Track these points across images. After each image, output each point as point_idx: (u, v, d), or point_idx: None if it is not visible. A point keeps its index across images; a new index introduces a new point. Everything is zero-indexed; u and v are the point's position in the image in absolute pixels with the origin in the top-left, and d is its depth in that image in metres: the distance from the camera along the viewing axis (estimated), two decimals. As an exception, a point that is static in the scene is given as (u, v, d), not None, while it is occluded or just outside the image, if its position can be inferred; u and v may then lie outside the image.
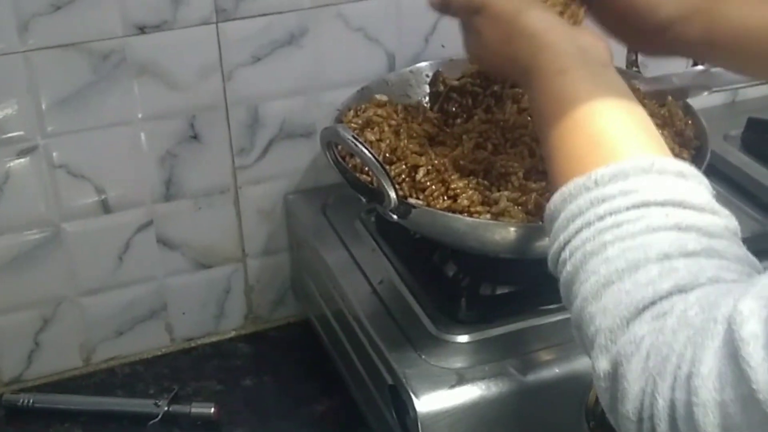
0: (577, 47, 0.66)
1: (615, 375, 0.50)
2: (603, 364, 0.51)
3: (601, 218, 0.54)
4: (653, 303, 0.49)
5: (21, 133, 0.93)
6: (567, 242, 0.55)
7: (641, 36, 0.77)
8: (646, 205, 0.53)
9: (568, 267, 0.55)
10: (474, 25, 0.73)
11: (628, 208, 0.53)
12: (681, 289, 0.49)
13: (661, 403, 0.47)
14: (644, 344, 0.48)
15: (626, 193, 0.54)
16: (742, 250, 0.53)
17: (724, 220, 0.54)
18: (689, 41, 0.75)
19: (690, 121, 0.90)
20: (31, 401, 0.99)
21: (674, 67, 0.99)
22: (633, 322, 0.50)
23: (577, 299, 0.54)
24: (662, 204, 0.53)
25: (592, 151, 0.59)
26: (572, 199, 0.56)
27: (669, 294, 0.49)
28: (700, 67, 0.94)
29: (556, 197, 0.58)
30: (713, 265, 0.50)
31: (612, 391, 0.51)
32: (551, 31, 0.67)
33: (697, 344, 0.46)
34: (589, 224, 0.54)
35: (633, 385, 0.48)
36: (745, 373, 0.43)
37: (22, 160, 0.94)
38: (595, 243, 0.53)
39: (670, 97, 0.91)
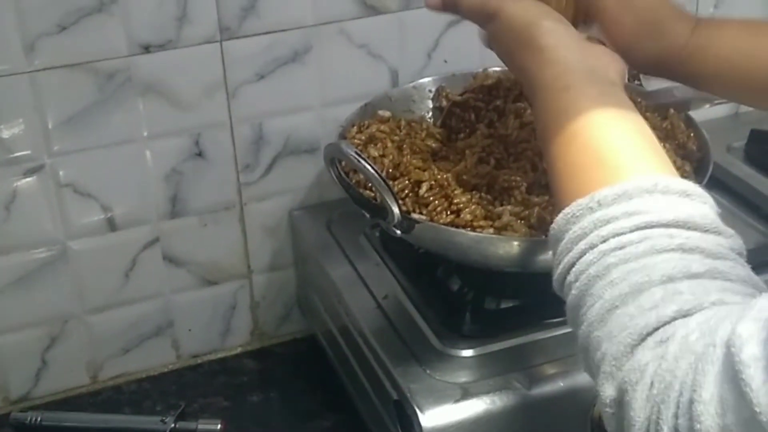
0: (585, 65, 0.65)
1: (621, 402, 0.50)
2: (609, 391, 0.50)
3: (604, 240, 0.53)
4: (656, 329, 0.49)
5: (28, 152, 0.93)
6: (572, 265, 0.55)
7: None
8: (649, 226, 0.53)
9: (574, 291, 0.55)
10: (489, 32, 0.73)
11: (631, 230, 0.53)
12: (684, 314, 0.49)
13: (666, 431, 0.46)
14: (648, 372, 0.48)
15: (630, 215, 0.53)
16: (746, 271, 0.53)
17: (728, 240, 0.54)
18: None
19: (692, 134, 0.91)
20: (38, 419, 0.99)
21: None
22: (637, 349, 0.49)
23: (584, 324, 0.53)
24: (666, 225, 0.53)
25: (595, 168, 0.58)
26: (576, 221, 0.56)
27: (672, 319, 0.49)
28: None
29: (560, 218, 0.57)
30: (717, 287, 0.50)
31: (618, 418, 0.50)
32: (560, 47, 0.66)
33: (698, 370, 0.45)
34: (592, 246, 0.54)
35: (639, 413, 0.48)
36: (747, 396, 0.42)
37: (28, 179, 0.94)
38: (599, 266, 0.53)
39: (672, 110, 0.91)
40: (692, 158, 0.88)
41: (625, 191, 0.54)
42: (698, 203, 0.55)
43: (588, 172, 0.59)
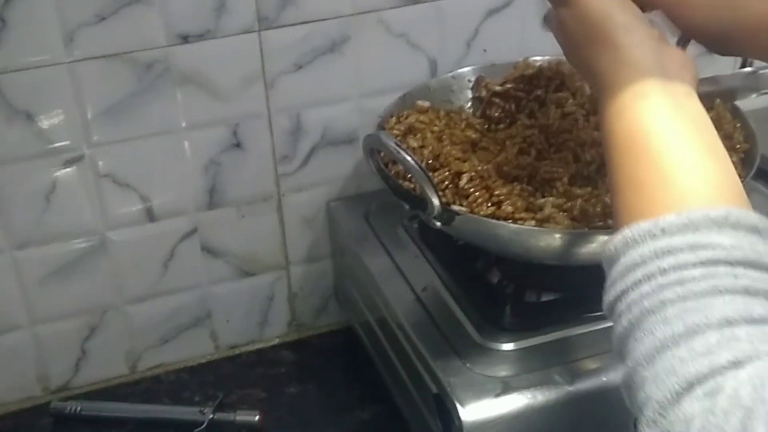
0: (662, 69, 0.62)
1: None
2: None
3: (664, 272, 0.50)
4: (706, 377, 0.46)
5: (67, 143, 0.94)
6: (624, 292, 0.52)
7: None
8: (714, 263, 0.49)
9: (624, 322, 0.52)
10: (560, 17, 0.69)
11: (695, 265, 0.50)
12: (737, 363, 0.46)
13: None
14: (695, 425, 0.45)
15: (695, 248, 0.50)
16: None
17: None
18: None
19: (738, 124, 0.89)
20: (78, 409, 1.00)
21: (722, 69, 0.97)
22: (684, 398, 0.46)
23: (630, 359, 0.51)
24: (732, 264, 0.49)
25: (662, 189, 0.55)
26: (635, 245, 0.52)
27: (724, 368, 0.46)
28: (748, 69, 0.92)
29: (618, 239, 0.54)
30: None
31: None
32: (638, 47, 0.63)
33: (747, 427, 0.43)
34: (650, 277, 0.51)
35: None
36: None
37: (68, 169, 0.95)
38: (654, 300, 0.50)
39: (718, 100, 0.90)
40: (739, 150, 0.86)
41: (692, 220, 0.51)
42: None
43: (654, 192, 0.55)
